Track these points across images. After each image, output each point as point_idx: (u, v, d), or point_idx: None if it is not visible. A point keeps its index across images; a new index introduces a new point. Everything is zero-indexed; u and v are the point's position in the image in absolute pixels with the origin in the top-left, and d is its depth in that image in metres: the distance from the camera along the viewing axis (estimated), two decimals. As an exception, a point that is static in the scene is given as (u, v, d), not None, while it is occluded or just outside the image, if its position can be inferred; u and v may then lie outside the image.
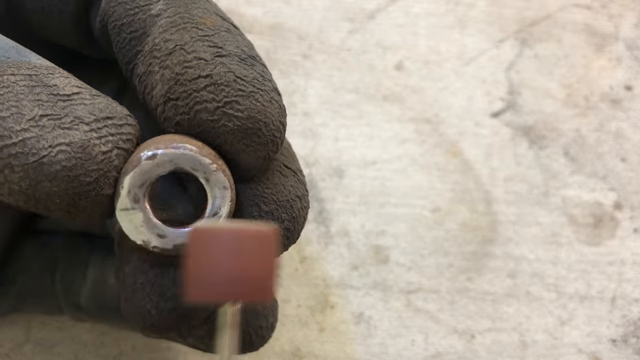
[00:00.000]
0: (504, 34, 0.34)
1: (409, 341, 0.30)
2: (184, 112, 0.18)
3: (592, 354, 0.30)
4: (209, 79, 0.18)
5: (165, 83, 0.18)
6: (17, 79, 0.17)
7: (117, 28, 0.20)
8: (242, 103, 0.18)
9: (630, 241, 0.31)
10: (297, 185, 0.20)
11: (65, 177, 0.16)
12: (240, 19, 0.33)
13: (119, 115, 0.18)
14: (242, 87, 0.18)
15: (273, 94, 0.19)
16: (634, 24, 0.35)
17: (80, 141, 0.17)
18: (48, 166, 0.16)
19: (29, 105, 0.17)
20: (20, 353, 0.28)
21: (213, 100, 0.18)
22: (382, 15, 0.34)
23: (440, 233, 0.31)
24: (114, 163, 0.17)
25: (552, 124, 0.33)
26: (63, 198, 0.17)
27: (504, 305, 0.30)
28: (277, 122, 0.18)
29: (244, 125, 0.18)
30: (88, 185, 0.17)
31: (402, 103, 0.33)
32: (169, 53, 0.18)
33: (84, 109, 0.17)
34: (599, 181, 0.32)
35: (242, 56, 0.19)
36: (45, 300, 0.24)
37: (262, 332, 0.21)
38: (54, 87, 0.17)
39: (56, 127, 0.17)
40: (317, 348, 0.29)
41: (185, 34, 0.19)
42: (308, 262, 0.30)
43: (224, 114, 0.18)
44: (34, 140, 0.16)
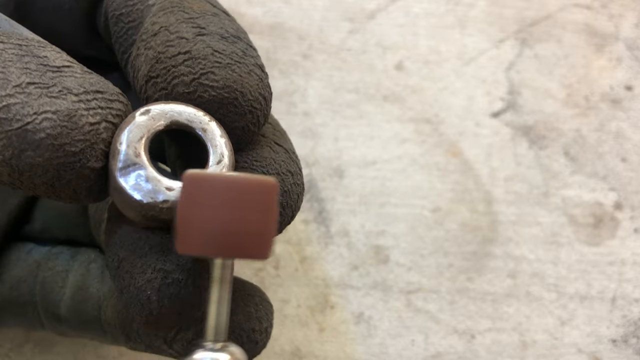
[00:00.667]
0: (504, 34, 0.34)
1: (409, 341, 0.30)
2: (162, 87, 0.18)
3: (592, 354, 0.30)
4: (187, 55, 0.18)
5: (147, 63, 0.18)
6: (6, 46, 0.17)
7: (115, 18, 0.20)
8: (218, 74, 0.18)
9: (631, 241, 0.31)
10: (289, 162, 0.20)
11: (49, 146, 0.16)
12: (240, 19, 0.33)
13: (110, 90, 0.17)
14: (219, 59, 0.18)
15: (253, 68, 0.18)
16: (634, 24, 0.35)
17: (66, 110, 0.16)
18: (32, 134, 0.16)
19: (16, 72, 0.16)
20: (20, 353, 0.28)
21: (189, 73, 0.18)
22: (382, 15, 0.34)
23: (440, 233, 0.31)
24: (101, 136, 0.16)
25: (552, 124, 0.33)
26: (47, 169, 0.16)
27: (504, 305, 0.30)
28: (255, 93, 0.18)
29: (220, 95, 0.18)
30: (73, 155, 0.16)
31: (402, 103, 0.33)
32: (154, 34, 0.18)
33: (73, 81, 0.17)
34: (599, 181, 0.32)
35: (224, 35, 0.19)
36: (25, 312, 0.23)
37: (254, 337, 0.20)
38: (44, 58, 0.17)
39: (43, 95, 0.16)
40: (317, 348, 0.29)
41: (172, 17, 0.19)
42: (308, 262, 0.30)
43: (199, 85, 0.18)
44: (19, 107, 0.16)
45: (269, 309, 0.21)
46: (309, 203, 0.31)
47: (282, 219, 0.19)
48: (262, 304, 0.21)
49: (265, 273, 0.30)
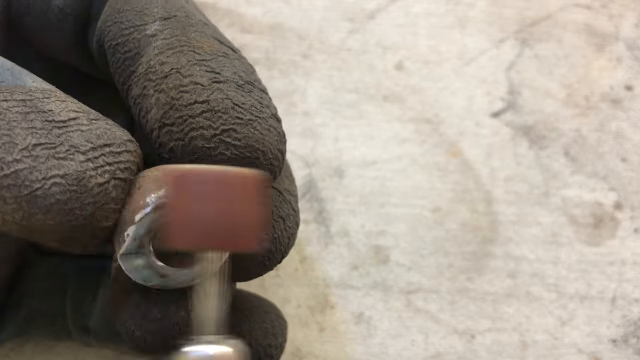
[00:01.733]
0: (504, 34, 0.34)
1: (409, 341, 0.30)
2: (178, 137, 0.18)
3: (592, 354, 0.30)
4: (206, 105, 0.17)
5: (160, 107, 0.18)
6: (10, 105, 0.16)
7: (112, 48, 0.19)
8: (240, 131, 0.17)
9: (631, 241, 0.31)
10: (281, 206, 0.20)
11: (60, 211, 0.16)
12: (240, 19, 0.33)
13: (117, 141, 0.17)
14: (239, 114, 0.18)
15: (271, 121, 0.18)
16: (634, 24, 0.35)
17: (75, 173, 0.16)
18: (42, 199, 0.16)
19: (22, 133, 0.16)
20: (20, 353, 0.28)
21: (210, 127, 0.17)
22: (382, 15, 0.34)
23: (441, 233, 0.31)
24: (111, 195, 0.16)
25: (552, 124, 0.33)
26: (58, 230, 0.16)
27: (504, 305, 0.30)
28: (275, 150, 0.18)
29: (242, 154, 0.17)
30: (84, 218, 0.16)
31: (402, 103, 0.33)
32: (165, 76, 0.18)
33: (80, 135, 0.16)
34: (599, 181, 0.32)
35: (239, 82, 0.18)
36: (54, 324, 0.24)
37: (270, 351, 0.21)
38: (49, 112, 0.16)
39: (50, 157, 0.16)
40: (317, 348, 0.29)
41: (182, 57, 0.18)
42: (308, 262, 0.30)
43: (221, 142, 0.17)
44: (27, 172, 0.16)
45: (284, 324, 0.22)
46: (309, 203, 0.31)
47: (270, 262, 0.20)
48: (278, 320, 0.22)
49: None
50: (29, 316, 0.23)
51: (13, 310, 0.23)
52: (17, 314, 0.23)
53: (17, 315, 0.23)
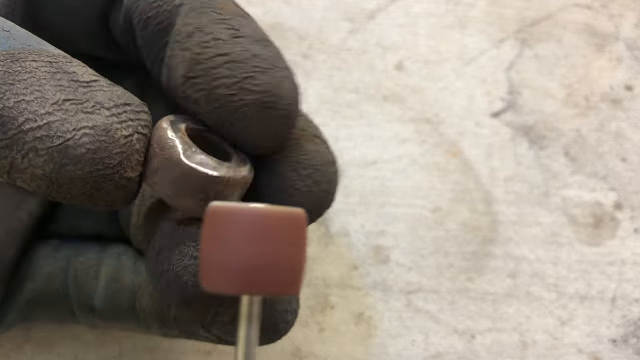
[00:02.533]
0: (504, 34, 0.34)
1: (409, 341, 0.30)
2: (202, 88, 0.18)
3: (592, 354, 0.30)
4: (227, 57, 0.18)
5: (185, 64, 0.19)
6: (39, 64, 0.17)
7: (143, 22, 0.20)
8: (259, 78, 0.18)
9: (631, 241, 0.31)
10: (328, 152, 0.21)
11: (90, 160, 0.17)
12: (240, 19, 0.33)
13: (135, 102, 0.18)
14: (258, 64, 0.19)
15: (287, 72, 0.19)
16: (635, 23, 0.35)
17: (103, 125, 0.17)
18: (73, 149, 0.17)
19: (52, 90, 0.17)
20: (21, 353, 0.28)
21: (231, 76, 0.18)
22: (382, 15, 0.34)
23: (441, 233, 0.31)
24: (135, 147, 0.17)
25: (552, 124, 0.33)
26: (87, 181, 0.17)
27: (504, 305, 0.30)
28: (290, 96, 0.19)
29: (261, 99, 0.18)
30: (112, 168, 0.17)
31: (402, 103, 0.33)
32: (188, 35, 0.19)
33: (103, 95, 0.17)
34: (599, 181, 0.32)
35: (257, 38, 0.19)
36: (57, 306, 0.24)
37: (286, 317, 0.21)
38: (74, 74, 0.18)
39: (79, 111, 0.17)
40: (317, 348, 0.29)
41: (204, 17, 0.19)
42: (308, 262, 0.30)
43: (241, 89, 0.18)
44: (59, 124, 0.17)
45: None
46: (309, 203, 0.31)
47: (327, 203, 0.21)
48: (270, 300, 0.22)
49: (266, 273, 0.30)
50: (32, 300, 0.24)
51: (15, 296, 0.24)
52: (20, 298, 0.24)
53: (19, 300, 0.24)
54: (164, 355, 0.28)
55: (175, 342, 0.28)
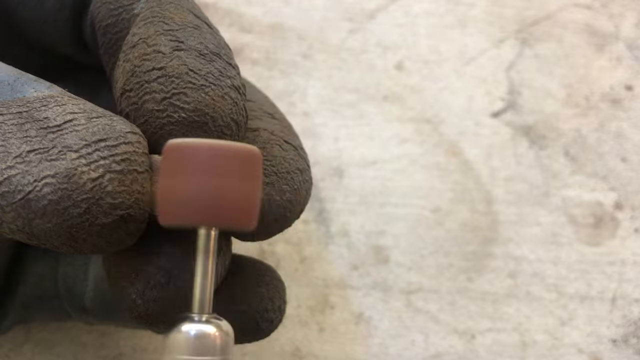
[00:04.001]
0: (504, 34, 0.34)
1: (409, 341, 0.30)
2: (133, 102, 0.18)
3: (592, 354, 0.30)
4: (162, 71, 0.18)
5: (124, 75, 0.18)
6: (6, 118, 0.16)
7: (102, 29, 0.20)
8: (190, 95, 0.17)
9: (631, 241, 0.31)
10: (298, 159, 0.20)
11: (54, 212, 0.16)
12: (240, 19, 0.33)
13: (115, 135, 0.16)
14: (192, 79, 0.18)
15: (228, 90, 0.18)
16: (635, 23, 0.35)
17: (65, 171, 0.16)
18: (35, 202, 0.15)
19: (17, 143, 0.16)
20: (20, 353, 0.28)
21: (161, 91, 0.17)
22: (382, 15, 0.34)
23: (441, 233, 0.31)
24: (106, 189, 0.16)
25: (552, 124, 0.33)
26: (59, 233, 0.16)
27: (504, 305, 0.30)
28: (227, 118, 0.18)
29: (189, 118, 0.17)
30: (80, 216, 0.16)
31: (402, 103, 0.33)
32: (132, 46, 0.18)
33: (75, 135, 0.16)
34: (600, 181, 0.32)
35: (202, 51, 0.18)
36: (51, 306, 0.24)
37: (268, 316, 0.21)
38: (45, 120, 0.16)
39: (43, 160, 0.16)
40: (317, 348, 0.29)
41: (151, 28, 0.18)
42: (308, 262, 0.30)
43: (170, 105, 0.17)
44: (20, 177, 0.16)
45: (280, 286, 0.22)
46: (309, 203, 0.31)
47: (291, 215, 0.19)
48: (273, 282, 0.21)
49: (265, 273, 0.30)
50: (26, 303, 0.23)
51: (11, 299, 0.23)
52: (15, 301, 0.23)
53: (15, 303, 0.23)
54: (164, 355, 0.28)
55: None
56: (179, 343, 0.16)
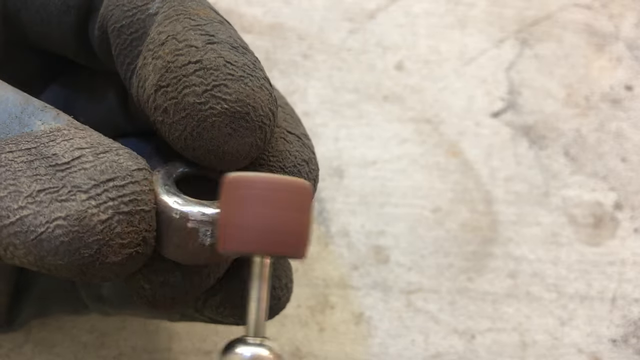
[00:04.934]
0: (504, 34, 0.34)
1: (409, 341, 0.30)
2: (172, 97, 0.18)
3: (592, 354, 0.30)
4: (199, 64, 0.18)
5: (156, 72, 0.18)
6: (15, 155, 0.17)
7: (117, 30, 0.20)
8: (231, 86, 0.18)
9: (631, 241, 0.31)
10: (303, 150, 0.20)
11: (66, 252, 0.16)
12: (240, 19, 0.33)
13: (122, 174, 0.17)
14: (231, 71, 0.18)
15: (264, 82, 0.18)
16: (635, 23, 0.35)
17: (76, 213, 0.16)
18: (47, 242, 0.16)
19: (27, 181, 0.16)
20: (20, 353, 0.28)
21: (201, 84, 0.17)
22: (382, 15, 0.34)
23: (441, 233, 0.31)
24: (115, 230, 0.16)
25: (552, 124, 0.33)
26: (70, 269, 0.16)
27: (504, 305, 0.30)
28: (266, 108, 0.18)
29: (232, 109, 0.18)
30: (91, 256, 0.16)
31: (402, 103, 0.33)
32: (162, 43, 0.18)
33: (83, 174, 0.17)
34: (599, 181, 0.32)
35: (233, 44, 0.18)
36: (69, 298, 0.24)
37: (276, 293, 0.21)
38: (53, 157, 0.17)
39: (53, 200, 0.16)
40: (317, 348, 0.29)
41: (178, 25, 0.18)
42: (308, 262, 0.30)
43: (211, 97, 0.17)
44: (32, 217, 0.16)
45: (286, 265, 0.22)
46: (309, 203, 0.31)
47: None
48: (279, 260, 0.22)
49: (265, 273, 0.30)
50: (42, 295, 0.24)
51: (27, 292, 0.24)
52: (31, 294, 0.24)
53: (31, 296, 0.24)
54: (164, 355, 0.28)
55: (175, 342, 0.28)
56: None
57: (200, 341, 0.28)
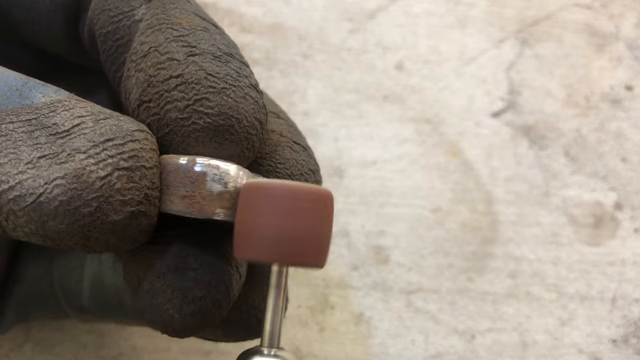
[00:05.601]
0: (504, 34, 0.34)
1: (409, 341, 0.30)
2: (155, 113, 0.18)
3: (592, 354, 0.30)
4: (180, 79, 0.17)
5: (139, 86, 0.18)
6: (16, 126, 0.17)
7: (103, 36, 0.20)
8: (213, 100, 0.17)
9: (631, 241, 0.31)
10: (309, 160, 0.20)
11: (66, 212, 0.16)
12: (240, 19, 0.33)
13: (122, 134, 0.17)
14: (212, 84, 0.18)
15: (248, 90, 0.18)
16: (635, 23, 0.35)
17: (74, 171, 0.16)
18: (46, 204, 0.16)
19: (27, 150, 0.16)
20: (20, 353, 0.28)
21: (183, 98, 0.17)
22: (382, 15, 0.34)
23: (441, 233, 0.31)
24: (115, 187, 0.16)
25: (552, 124, 0.33)
26: (72, 233, 0.16)
27: (504, 305, 0.30)
28: (251, 118, 0.18)
29: (215, 122, 0.17)
30: (91, 215, 0.16)
31: (403, 103, 0.33)
32: (144, 55, 0.18)
33: (83, 138, 0.16)
34: (600, 181, 0.32)
35: (216, 54, 0.18)
36: (48, 306, 0.24)
37: None
38: (54, 126, 0.17)
39: (52, 164, 0.16)
40: (317, 348, 0.29)
41: (160, 35, 0.18)
42: (308, 262, 0.30)
43: (193, 112, 0.17)
44: (30, 181, 0.16)
45: None
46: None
47: None
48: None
49: (265, 273, 0.30)
50: (22, 302, 0.23)
51: (8, 298, 0.23)
52: (13, 300, 0.23)
53: (13, 302, 0.23)
54: (163, 355, 0.28)
55: (174, 343, 0.28)
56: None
57: (200, 341, 0.28)
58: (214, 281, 0.18)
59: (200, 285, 0.18)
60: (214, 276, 0.18)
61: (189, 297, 0.18)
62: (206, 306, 0.18)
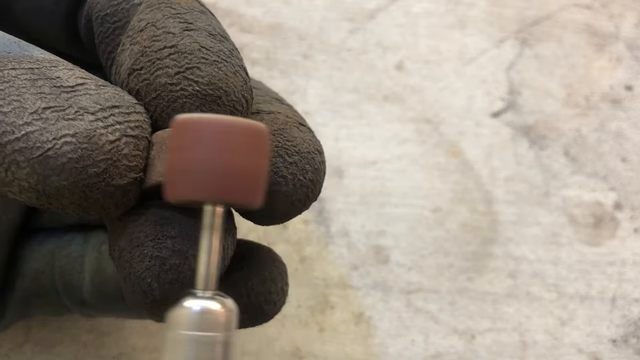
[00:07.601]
0: (504, 34, 0.34)
1: (409, 341, 0.30)
2: (144, 79, 0.18)
3: (592, 354, 0.30)
4: (174, 49, 0.18)
5: (132, 57, 0.18)
6: (19, 72, 0.17)
7: (100, 19, 0.20)
8: (204, 70, 0.18)
9: (631, 241, 0.31)
10: (315, 140, 0.20)
11: (72, 170, 0.16)
12: (240, 19, 0.33)
13: (126, 104, 0.17)
14: (205, 55, 0.18)
15: (239, 69, 0.18)
16: (635, 23, 0.35)
17: (85, 131, 0.16)
18: (54, 159, 0.16)
19: (31, 98, 0.16)
20: (20, 353, 0.28)
21: (174, 66, 0.18)
22: (382, 15, 0.34)
23: (441, 233, 0.31)
24: (122, 152, 0.17)
25: (552, 124, 0.33)
26: (73, 191, 0.16)
27: (504, 305, 0.30)
28: (239, 94, 0.18)
29: (204, 91, 0.17)
30: (97, 176, 0.16)
31: (403, 103, 0.33)
32: (140, 30, 0.18)
33: (88, 98, 0.17)
34: (599, 181, 0.32)
35: (212, 32, 0.18)
36: (49, 301, 0.24)
37: (271, 298, 0.21)
38: (57, 79, 0.17)
39: (60, 118, 0.16)
40: (317, 348, 0.29)
41: (158, 13, 0.19)
42: (308, 262, 0.30)
43: (183, 79, 0.17)
44: (38, 134, 0.16)
45: (282, 268, 0.22)
46: (309, 203, 0.31)
47: (312, 195, 0.20)
48: (275, 264, 0.22)
49: (265, 273, 0.30)
50: (24, 298, 0.23)
51: (9, 293, 0.23)
52: (13, 296, 0.23)
53: (14, 298, 0.23)
54: (164, 355, 0.28)
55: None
56: (182, 319, 0.16)
57: (200, 341, 0.28)
58: (191, 250, 0.18)
59: (178, 254, 0.18)
60: (192, 245, 0.18)
61: (167, 265, 0.18)
62: (184, 274, 0.18)
